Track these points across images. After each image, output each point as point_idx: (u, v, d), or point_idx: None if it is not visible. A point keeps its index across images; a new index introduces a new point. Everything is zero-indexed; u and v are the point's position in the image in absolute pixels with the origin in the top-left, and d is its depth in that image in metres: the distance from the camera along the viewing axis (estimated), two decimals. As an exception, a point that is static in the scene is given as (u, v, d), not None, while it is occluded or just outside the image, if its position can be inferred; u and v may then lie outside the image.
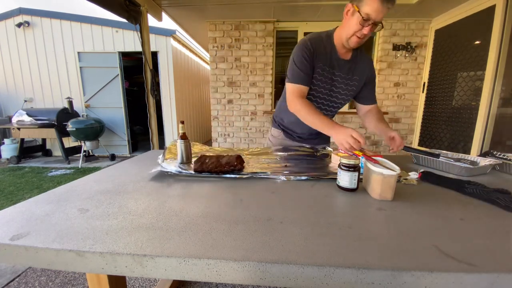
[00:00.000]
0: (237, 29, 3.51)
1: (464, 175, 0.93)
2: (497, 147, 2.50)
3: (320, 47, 1.08)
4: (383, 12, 0.93)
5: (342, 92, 1.17)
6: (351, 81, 1.16)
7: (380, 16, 0.94)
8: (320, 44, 1.08)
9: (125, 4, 2.28)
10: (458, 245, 0.48)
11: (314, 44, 1.07)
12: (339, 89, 1.16)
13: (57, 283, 1.47)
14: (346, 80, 1.15)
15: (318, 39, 1.09)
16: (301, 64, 1.07)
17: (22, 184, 3.19)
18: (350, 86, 1.17)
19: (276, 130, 1.39)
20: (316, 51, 1.07)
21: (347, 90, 1.17)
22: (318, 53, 1.08)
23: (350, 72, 1.14)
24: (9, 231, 0.53)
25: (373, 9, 0.92)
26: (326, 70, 1.10)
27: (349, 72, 1.14)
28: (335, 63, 1.11)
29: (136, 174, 0.95)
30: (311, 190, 0.79)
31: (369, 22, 0.95)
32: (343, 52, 1.10)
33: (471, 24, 2.73)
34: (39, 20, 4.59)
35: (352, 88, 1.17)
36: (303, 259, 0.44)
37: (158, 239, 0.50)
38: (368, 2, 0.92)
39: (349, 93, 1.18)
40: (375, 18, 0.94)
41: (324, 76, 1.11)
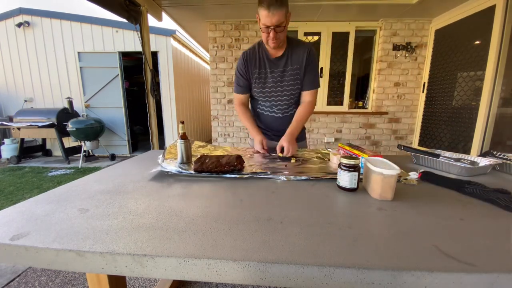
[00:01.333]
0: (237, 29, 3.51)
1: (464, 175, 0.93)
2: (497, 147, 2.50)
3: (253, 57, 1.27)
4: (274, 17, 1.04)
5: (287, 83, 1.29)
6: (293, 70, 1.26)
7: (274, 21, 1.05)
8: (252, 54, 1.27)
9: (125, 4, 2.28)
10: (458, 245, 0.48)
11: (246, 56, 1.27)
12: (284, 82, 1.28)
13: (57, 283, 1.48)
14: (286, 72, 1.26)
15: (251, 50, 1.28)
16: (237, 77, 1.32)
17: (22, 184, 3.19)
18: (293, 76, 1.27)
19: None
20: (248, 62, 1.27)
21: (292, 80, 1.28)
22: (251, 63, 1.27)
23: (287, 64, 1.25)
24: (9, 231, 0.53)
25: (265, 17, 1.06)
26: (263, 72, 1.28)
27: (286, 64, 1.25)
28: (271, 63, 1.26)
29: (136, 174, 0.95)
30: (311, 190, 0.79)
31: (270, 28, 1.08)
32: (274, 51, 1.24)
33: (471, 24, 2.73)
34: (39, 20, 4.60)
35: (296, 76, 1.27)
36: (303, 259, 0.44)
37: (158, 239, 0.50)
38: (261, 13, 1.07)
39: (295, 82, 1.28)
40: (270, 24, 1.06)
41: (263, 78, 1.29)
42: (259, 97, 1.34)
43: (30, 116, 4.32)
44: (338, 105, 3.71)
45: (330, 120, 3.65)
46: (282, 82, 1.28)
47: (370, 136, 3.68)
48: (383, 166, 0.72)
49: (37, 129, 4.19)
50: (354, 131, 3.67)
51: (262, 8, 1.05)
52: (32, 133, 4.29)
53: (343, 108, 3.69)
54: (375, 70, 3.56)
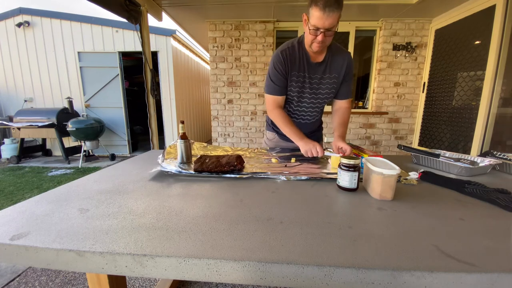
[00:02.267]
0: (237, 29, 3.50)
1: (464, 175, 0.93)
2: (497, 147, 2.50)
3: (293, 56, 1.15)
4: (328, 20, 0.96)
5: (323, 92, 1.23)
6: (330, 79, 1.20)
7: (327, 23, 0.97)
8: (292, 53, 1.15)
9: (125, 4, 2.28)
10: (458, 245, 0.48)
11: (285, 54, 1.15)
12: (320, 89, 1.22)
13: (57, 283, 1.47)
14: (324, 79, 1.20)
15: (291, 49, 1.16)
16: (274, 76, 1.18)
17: (22, 184, 3.19)
18: (330, 84, 1.22)
19: (270, 133, 1.43)
20: (288, 61, 1.14)
21: (328, 88, 1.22)
22: (291, 62, 1.15)
23: (326, 71, 1.19)
24: (9, 231, 0.53)
25: (317, 19, 0.97)
26: (301, 75, 1.18)
27: (325, 72, 1.19)
28: (310, 68, 1.17)
29: (136, 174, 0.95)
30: (311, 190, 0.79)
31: (320, 31, 1.00)
32: (315, 55, 1.15)
33: (471, 24, 2.73)
34: (39, 20, 4.59)
35: (333, 85, 1.22)
36: (303, 259, 0.44)
37: (158, 239, 0.50)
38: (313, 14, 0.98)
39: (330, 91, 1.23)
40: (322, 26, 0.98)
41: (301, 82, 1.19)
42: (292, 101, 1.26)
43: (30, 116, 4.31)
44: (338, 105, 3.70)
45: (330, 120, 3.65)
46: (318, 89, 1.22)
47: (370, 136, 3.68)
48: (383, 166, 0.72)
49: (37, 129, 4.19)
50: (354, 131, 3.67)
51: (315, 8, 0.95)
52: (32, 133, 4.29)
53: (343, 108, 3.69)
54: (375, 70, 3.56)
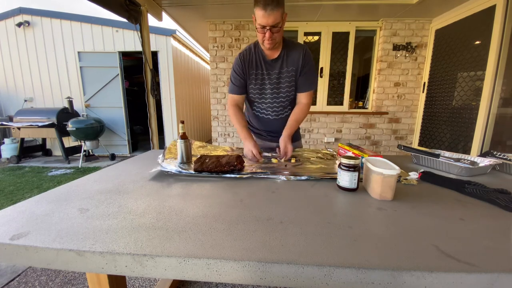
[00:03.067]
0: (237, 29, 3.50)
1: (464, 175, 0.93)
2: (497, 147, 2.50)
3: (250, 58, 1.25)
4: (270, 17, 1.03)
5: (283, 85, 1.28)
6: (288, 72, 1.25)
7: (271, 21, 1.04)
8: (249, 55, 1.25)
9: (125, 3, 2.28)
10: (458, 245, 0.48)
11: (243, 57, 1.25)
12: (280, 84, 1.28)
13: (57, 282, 1.48)
14: (282, 74, 1.26)
15: (247, 51, 1.26)
16: (233, 77, 1.29)
17: (22, 184, 3.19)
18: (289, 78, 1.26)
19: None
20: (245, 62, 1.25)
21: (287, 82, 1.27)
22: (249, 64, 1.25)
23: (283, 65, 1.25)
24: (9, 230, 0.53)
25: (261, 17, 1.04)
26: (260, 73, 1.26)
27: (282, 66, 1.25)
28: (267, 65, 1.25)
29: (136, 174, 0.95)
30: (311, 190, 0.79)
31: (266, 29, 1.06)
32: (270, 53, 1.23)
33: (471, 24, 2.73)
34: (39, 19, 4.59)
35: (292, 79, 1.27)
36: (303, 259, 0.44)
37: (158, 239, 0.50)
38: (257, 13, 1.05)
39: (290, 84, 1.28)
40: (266, 24, 1.05)
41: (260, 79, 1.27)
42: (255, 99, 1.33)
43: (30, 116, 4.32)
44: (338, 105, 3.70)
45: (330, 120, 3.65)
46: (278, 84, 1.28)
47: (370, 136, 3.68)
48: (383, 166, 0.72)
49: (37, 128, 4.19)
50: (354, 131, 3.67)
51: (258, 8, 1.03)
52: (32, 132, 4.29)
53: (343, 108, 3.69)
54: (375, 70, 3.56)
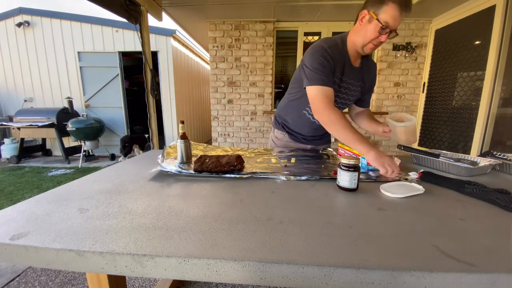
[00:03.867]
0: (237, 29, 3.50)
1: (464, 175, 0.93)
2: (497, 147, 2.50)
3: (337, 54, 1.04)
4: (400, 20, 0.93)
5: (346, 98, 1.18)
6: (357, 87, 1.16)
7: (397, 24, 0.93)
8: (337, 51, 1.05)
9: (125, 4, 2.28)
10: (458, 245, 0.48)
11: (332, 50, 1.03)
12: (345, 95, 1.16)
13: (57, 282, 1.47)
14: (355, 87, 1.15)
15: (335, 46, 1.05)
16: (323, 67, 1.00)
17: (22, 184, 3.19)
18: (355, 92, 1.17)
19: (280, 132, 1.36)
20: (334, 57, 1.03)
21: (351, 96, 1.18)
22: (336, 60, 1.05)
23: (359, 78, 1.14)
24: (9, 230, 0.53)
25: (392, 17, 0.91)
26: (338, 77, 1.08)
27: (358, 79, 1.14)
28: (347, 70, 1.09)
29: (136, 174, 0.95)
30: (311, 190, 0.79)
31: (387, 30, 0.94)
32: (354, 59, 1.10)
33: (471, 24, 2.73)
34: (39, 19, 4.59)
35: (357, 94, 1.19)
36: (303, 259, 0.44)
37: (158, 239, 0.50)
38: (387, 10, 0.90)
39: (352, 98, 1.19)
40: (392, 26, 0.93)
41: (335, 83, 1.08)
42: None
43: (30, 116, 4.32)
44: (338, 105, 3.70)
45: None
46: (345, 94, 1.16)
47: (370, 136, 3.68)
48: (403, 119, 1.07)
49: (37, 128, 4.19)
50: (354, 131, 3.67)
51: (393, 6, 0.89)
52: (32, 132, 4.29)
53: (343, 108, 3.69)
54: (375, 70, 3.55)
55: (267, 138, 3.76)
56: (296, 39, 3.55)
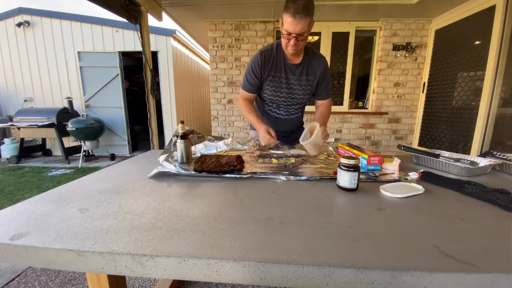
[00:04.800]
0: (237, 29, 3.51)
1: (464, 175, 0.93)
2: (497, 147, 2.50)
3: (271, 58, 1.23)
4: (298, 26, 1.02)
5: (299, 92, 1.30)
6: (306, 81, 1.28)
7: (298, 29, 1.03)
8: (270, 55, 1.23)
9: (125, 4, 2.28)
10: (458, 245, 0.48)
11: (264, 56, 1.22)
12: (296, 90, 1.29)
13: (57, 282, 1.47)
14: (300, 82, 1.28)
15: (269, 51, 1.24)
16: (249, 75, 1.27)
17: (22, 184, 3.19)
18: (306, 86, 1.29)
19: (253, 131, 1.50)
20: (266, 62, 1.23)
21: (304, 90, 1.30)
22: (269, 64, 1.23)
23: (302, 73, 1.27)
24: (9, 230, 0.53)
25: (288, 24, 1.04)
26: (278, 76, 1.25)
27: (302, 74, 1.26)
28: (287, 69, 1.25)
29: (136, 174, 0.94)
30: (311, 190, 0.79)
31: (292, 36, 1.07)
32: (293, 57, 1.23)
33: (471, 24, 2.73)
34: (39, 19, 4.59)
35: (308, 87, 1.30)
36: (303, 259, 0.44)
37: (158, 239, 0.50)
38: (285, 19, 1.05)
39: (306, 92, 1.31)
40: (293, 32, 1.05)
41: (277, 82, 1.27)
42: (269, 99, 1.34)
43: (30, 116, 4.31)
44: (338, 105, 3.71)
45: (330, 120, 3.63)
46: (294, 89, 1.29)
47: (370, 136, 3.68)
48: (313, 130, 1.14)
49: (37, 128, 4.19)
50: (354, 131, 3.67)
51: (287, 14, 1.03)
52: (32, 132, 4.29)
53: (343, 108, 3.69)
54: (375, 70, 3.56)
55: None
56: (296, 39, 3.55)
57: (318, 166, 1.03)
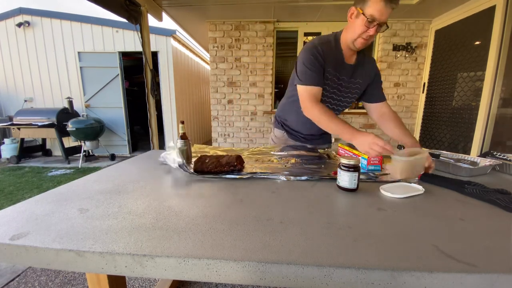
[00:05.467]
0: (237, 29, 3.51)
1: (464, 176, 0.93)
2: (497, 147, 2.50)
3: (329, 52, 1.08)
4: (387, 13, 0.94)
5: (345, 95, 1.20)
6: (354, 84, 1.17)
7: (384, 17, 0.95)
8: (329, 49, 1.08)
9: (125, 4, 2.28)
10: (458, 245, 0.48)
11: (323, 48, 1.06)
12: (343, 92, 1.18)
13: (57, 283, 1.47)
14: (349, 84, 1.17)
15: (327, 44, 1.08)
16: (313, 66, 1.06)
17: (22, 184, 3.19)
18: (353, 89, 1.19)
19: (279, 131, 1.38)
20: (325, 55, 1.06)
21: (350, 93, 1.20)
22: (327, 58, 1.07)
23: (355, 76, 1.16)
24: (9, 231, 0.53)
25: (377, 10, 0.93)
26: (332, 74, 1.11)
27: (354, 76, 1.16)
28: (341, 68, 1.11)
29: (136, 174, 0.94)
30: (311, 190, 0.79)
31: (374, 23, 0.96)
32: (349, 56, 1.11)
33: (471, 25, 2.73)
34: (39, 20, 4.59)
35: (356, 90, 1.20)
36: (303, 259, 0.44)
37: (158, 239, 0.50)
38: (372, 4, 0.93)
39: (352, 95, 1.21)
40: (379, 18, 0.95)
41: (330, 80, 1.12)
42: None
43: (30, 116, 4.31)
44: (338, 105, 3.71)
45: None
46: (341, 92, 1.18)
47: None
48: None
49: (37, 128, 4.19)
50: (354, 131, 3.67)
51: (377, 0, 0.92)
52: (32, 133, 4.29)
53: (343, 108, 3.69)
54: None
55: (267, 138, 3.76)
56: (296, 39, 3.55)
57: (318, 166, 1.03)
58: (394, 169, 0.90)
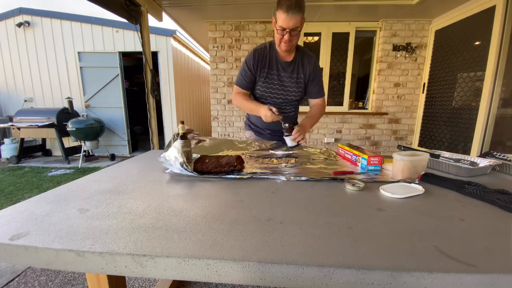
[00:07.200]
0: (237, 29, 3.51)
1: (464, 176, 0.93)
2: (497, 147, 2.50)
3: (264, 56, 1.29)
4: (292, 21, 1.09)
5: (291, 90, 1.35)
6: (298, 78, 1.33)
7: (292, 24, 1.09)
8: (264, 53, 1.29)
9: (125, 4, 2.28)
10: (458, 245, 0.48)
11: (258, 54, 1.28)
12: (288, 87, 1.34)
13: (56, 283, 1.47)
14: (293, 79, 1.33)
15: (262, 49, 1.30)
16: (244, 72, 1.32)
17: (22, 184, 3.19)
18: (297, 84, 1.34)
19: (248, 132, 1.56)
20: (259, 60, 1.28)
21: (296, 87, 1.35)
22: (262, 61, 1.29)
23: (294, 71, 1.32)
24: (9, 231, 0.53)
25: (282, 20, 1.10)
26: (271, 73, 1.31)
27: (294, 71, 1.32)
28: (279, 66, 1.31)
29: (136, 174, 0.94)
30: (311, 190, 0.79)
31: (286, 31, 1.12)
32: (284, 55, 1.29)
33: (471, 25, 2.73)
34: (39, 20, 4.59)
35: (300, 85, 1.35)
36: (303, 259, 0.44)
37: (158, 239, 0.50)
38: (278, 16, 1.11)
39: (298, 90, 1.35)
40: (287, 27, 1.10)
41: (270, 79, 1.32)
42: (261, 96, 1.37)
43: (30, 116, 4.31)
44: (338, 106, 3.71)
45: (330, 121, 3.65)
46: (286, 87, 1.34)
47: (370, 137, 3.68)
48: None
49: (37, 129, 4.19)
50: (354, 132, 3.67)
51: (281, 11, 1.09)
52: (32, 133, 4.29)
53: (343, 108, 3.69)
54: (375, 70, 3.56)
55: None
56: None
57: (318, 167, 1.03)
58: (395, 169, 0.91)
